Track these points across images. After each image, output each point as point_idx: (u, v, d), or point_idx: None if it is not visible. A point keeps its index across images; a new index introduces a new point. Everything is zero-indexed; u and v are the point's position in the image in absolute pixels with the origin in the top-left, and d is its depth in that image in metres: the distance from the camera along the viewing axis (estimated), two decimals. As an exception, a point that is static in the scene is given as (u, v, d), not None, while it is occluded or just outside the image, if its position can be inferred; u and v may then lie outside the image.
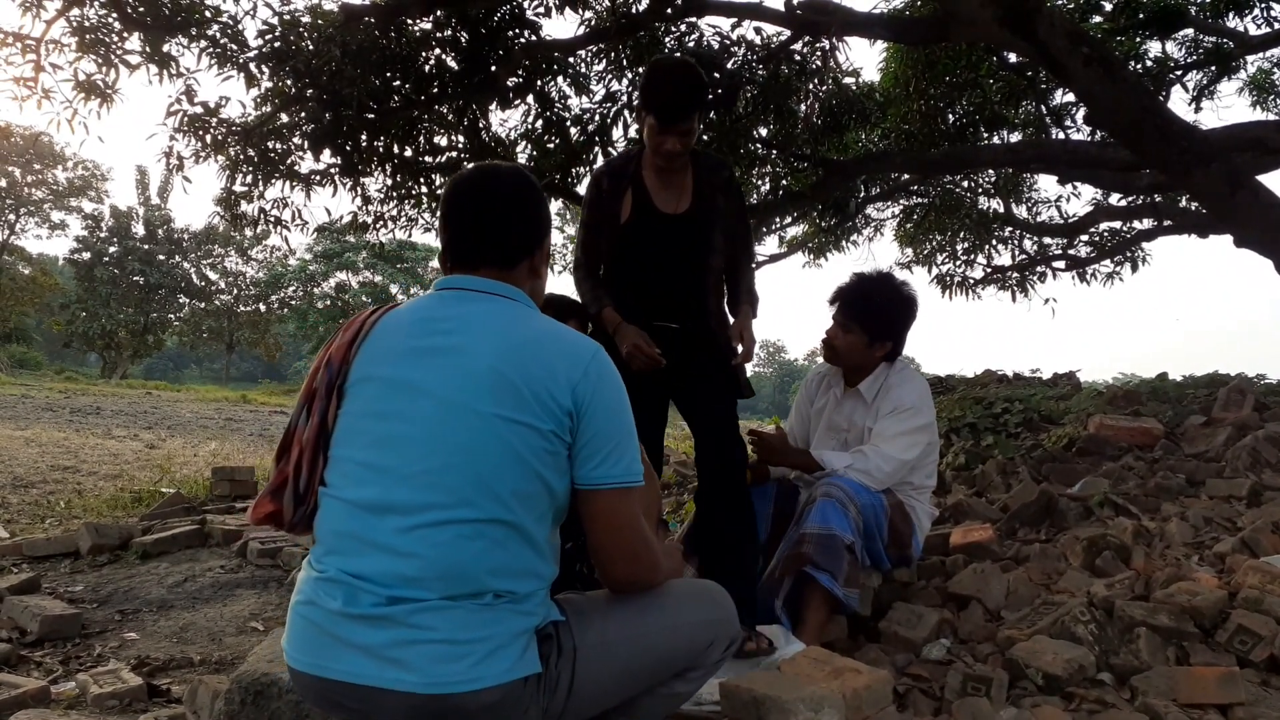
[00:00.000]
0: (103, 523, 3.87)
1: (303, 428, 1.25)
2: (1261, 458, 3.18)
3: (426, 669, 1.07)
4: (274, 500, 1.27)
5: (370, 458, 1.16)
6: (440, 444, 1.12)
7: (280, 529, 1.30)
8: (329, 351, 1.26)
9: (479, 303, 1.23)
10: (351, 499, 1.16)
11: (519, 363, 1.15)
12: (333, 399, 1.23)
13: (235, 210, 5.33)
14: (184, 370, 51.10)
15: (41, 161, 29.50)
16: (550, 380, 1.14)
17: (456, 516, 1.11)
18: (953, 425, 4.54)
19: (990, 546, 2.69)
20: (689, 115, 2.07)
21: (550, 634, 1.19)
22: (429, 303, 1.26)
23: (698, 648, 1.31)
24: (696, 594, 1.37)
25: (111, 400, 14.51)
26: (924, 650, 2.09)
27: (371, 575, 1.11)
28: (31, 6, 4.23)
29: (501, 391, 1.13)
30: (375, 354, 1.21)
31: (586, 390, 1.16)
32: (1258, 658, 1.89)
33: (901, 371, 2.43)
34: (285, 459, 1.27)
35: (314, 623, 1.13)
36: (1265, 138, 4.50)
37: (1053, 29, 3.60)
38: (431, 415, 1.14)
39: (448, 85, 4.87)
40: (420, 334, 1.20)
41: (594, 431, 1.17)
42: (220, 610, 3.00)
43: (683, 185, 2.21)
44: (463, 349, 1.16)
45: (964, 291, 8.77)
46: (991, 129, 6.39)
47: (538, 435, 1.14)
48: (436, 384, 1.15)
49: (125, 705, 2.09)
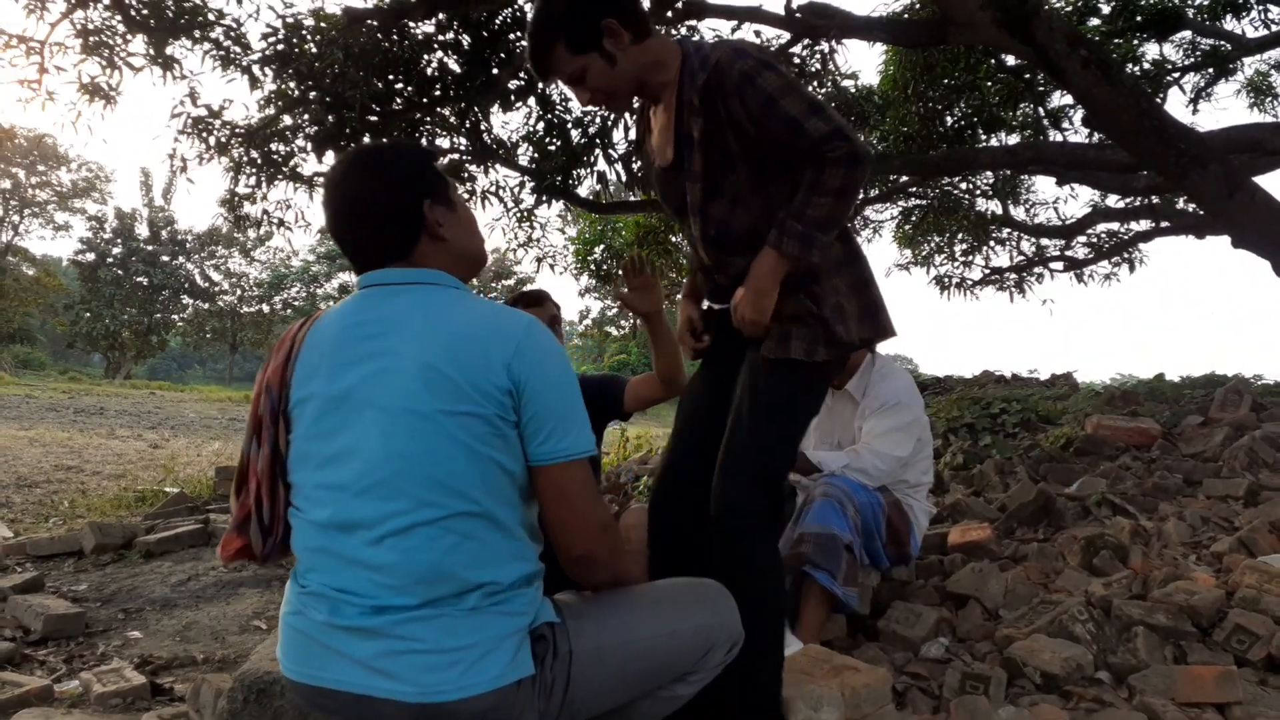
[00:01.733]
0: (106, 522, 3.89)
1: (255, 458, 1.23)
2: (1258, 457, 3.19)
3: (416, 679, 1.06)
4: (241, 535, 1.25)
5: (324, 478, 1.15)
6: (389, 453, 1.11)
7: (254, 562, 1.28)
8: (266, 376, 1.24)
9: (402, 296, 1.20)
10: (318, 520, 1.16)
11: (450, 353, 1.12)
12: (280, 424, 1.21)
13: (239, 211, 5.35)
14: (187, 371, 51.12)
15: (46, 163, 29.58)
16: (484, 364, 1.12)
17: (420, 519, 1.10)
18: (951, 425, 4.55)
19: (988, 546, 2.70)
20: (547, 63, 1.51)
21: (544, 635, 1.17)
22: (353, 306, 1.22)
23: (697, 652, 1.29)
24: (697, 596, 1.35)
25: (115, 400, 14.53)
26: (922, 649, 2.10)
27: (352, 588, 1.11)
28: (36, 9, 4.25)
29: (438, 387, 1.11)
30: (309, 371, 1.19)
31: (521, 367, 1.13)
32: (1255, 657, 1.90)
33: (884, 368, 2.45)
34: (244, 492, 1.26)
35: (303, 632, 1.14)
36: (1262, 139, 4.51)
37: (1051, 31, 3.62)
38: (375, 425, 1.12)
39: (450, 88, 4.89)
40: (349, 341, 1.18)
41: (535, 408, 1.14)
42: (223, 609, 3.01)
43: (667, 122, 1.59)
44: (392, 351, 1.14)
45: (962, 292, 8.80)
46: (990, 131, 6.41)
47: (482, 422, 1.12)
48: (373, 392, 1.13)
49: (128, 704, 2.10)
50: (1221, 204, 3.83)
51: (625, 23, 1.47)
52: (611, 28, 1.46)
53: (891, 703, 1.71)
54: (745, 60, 1.45)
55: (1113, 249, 8.26)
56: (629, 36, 1.49)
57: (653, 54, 1.53)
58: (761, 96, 1.43)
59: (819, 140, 1.40)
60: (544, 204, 5.90)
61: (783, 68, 1.50)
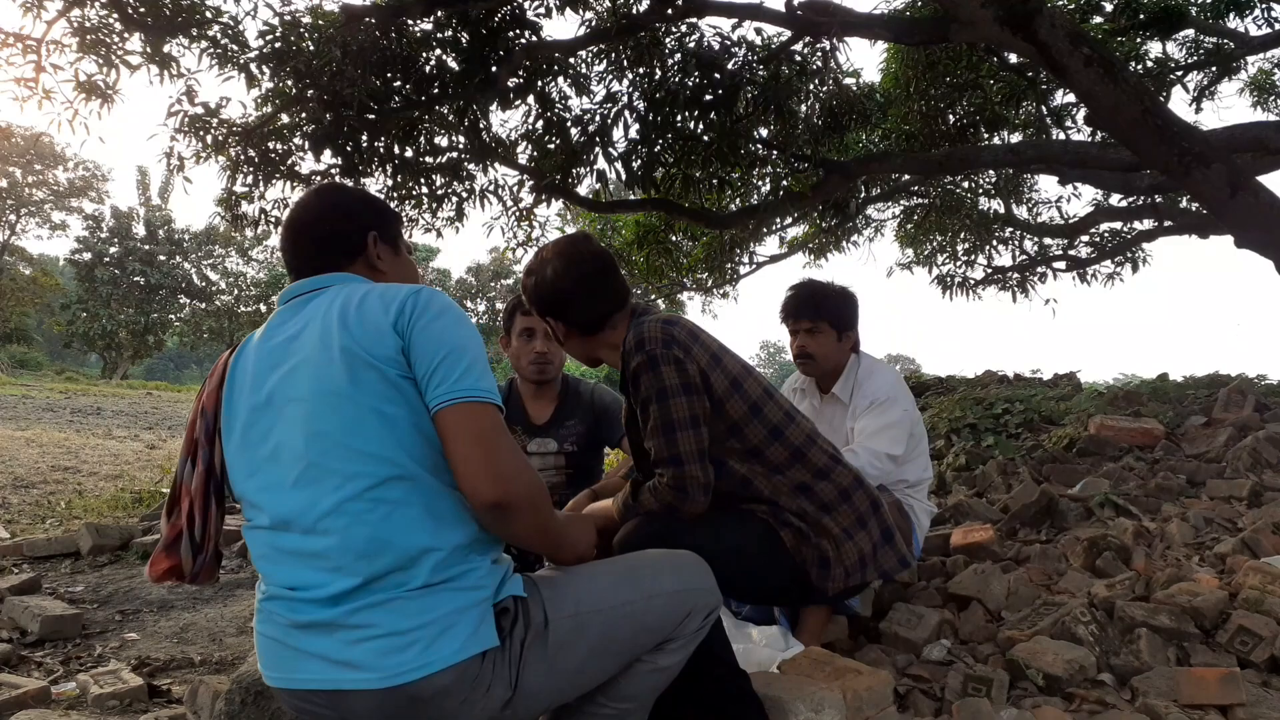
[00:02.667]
0: (103, 523, 3.87)
1: (188, 478, 1.29)
2: (1262, 458, 3.18)
3: (378, 664, 1.08)
4: (170, 555, 1.30)
5: (261, 481, 1.19)
6: (309, 438, 1.14)
7: (182, 582, 1.32)
8: (201, 400, 1.30)
9: (314, 299, 1.26)
10: (263, 524, 1.19)
11: (347, 328, 1.17)
12: (215, 444, 1.27)
13: (236, 210, 5.33)
14: (185, 371, 51.08)
15: (42, 162, 29.53)
16: (374, 329, 1.16)
17: (348, 494, 1.12)
18: (953, 426, 4.54)
19: (991, 547, 2.69)
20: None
21: (508, 608, 1.18)
22: (272, 322, 1.28)
23: (675, 618, 1.30)
24: (673, 564, 1.37)
25: (112, 401, 14.51)
26: (924, 651, 2.09)
27: (301, 583, 1.13)
28: (33, 7, 4.23)
29: (344, 361, 1.15)
30: (238, 388, 1.24)
31: (404, 323, 1.17)
32: (1258, 658, 1.89)
33: (869, 366, 2.45)
34: (176, 512, 1.31)
35: (271, 638, 1.17)
36: (1266, 138, 4.49)
37: (1053, 29, 3.60)
38: (296, 416, 1.16)
39: (448, 86, 4.87)
40: (267, 353, 1.23)
41: (419, 356, 1.16)
42: (221, 610, 3.00)
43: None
44: (303, 347, 1.19)
45: (964, 292, 8.77)
46: (992, 129, 6.39)
47: (385, 383, 1.15)
48: (291, 388, 1.18)
49: (126, 705, 2.09)
50: (1224, 203, 3.82)
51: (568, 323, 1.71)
52: (554, 326, 1.74)
53: (893, 705, 1.71)
54: (639, 354, 1.61)
55: (1115, 248, 8.23)
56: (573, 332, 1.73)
57: (604, 343, 1.73)
58: (640, 396, 1.62)
59: (653, 463, 1.61)
60: (543, 203, 5.89)
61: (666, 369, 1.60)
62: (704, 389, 1.61)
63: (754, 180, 6.25)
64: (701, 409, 1.60)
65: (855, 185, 6.66)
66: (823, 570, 1.61)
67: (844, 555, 1.62)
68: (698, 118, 5.06)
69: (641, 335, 1.62)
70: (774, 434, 1.65)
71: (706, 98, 4.91)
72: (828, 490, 1.65)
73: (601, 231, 8.15)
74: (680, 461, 1.57)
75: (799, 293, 2.43)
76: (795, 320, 2.42)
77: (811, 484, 1.65)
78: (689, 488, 1.57)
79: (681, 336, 1.62)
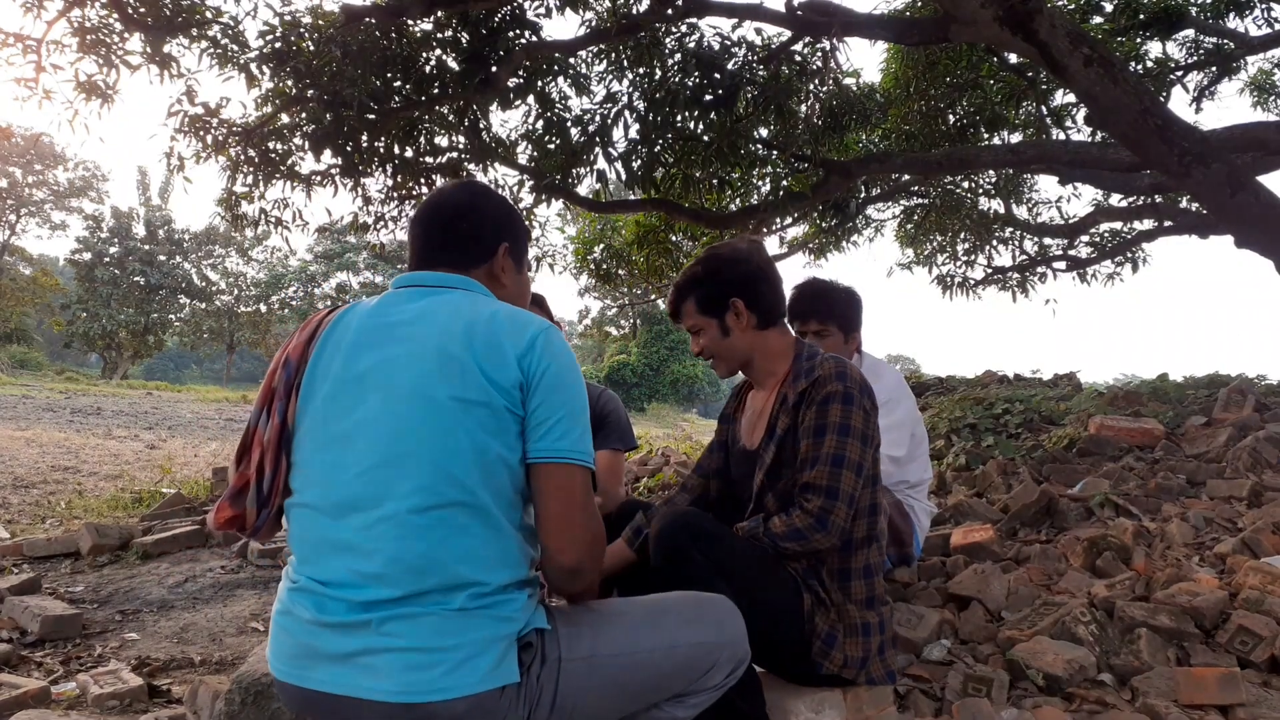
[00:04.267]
0: (103, 523, 3.87)
1: (263, 428, 1.23)
2: (1262, 458, 3.18)
3: (397, 677, 1.06)
4: (235, 505, 1.25)
5: (327, 457, 1.15)
6: (393, 435, 1.12)
7: (244, 534, 1.28)
8: (287, 351, 1.25)
9: (432, 295, 1.23)
10: (313, 503, 1.15)
11: (466, 342, 1.14)
12: (292, 398, 1.21)
13: (236, 210, 5.34)
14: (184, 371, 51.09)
15: (42, 162, 29.55)
16: (498, 355, 1.13)
17: (416, 504, 1.09)
18: (953, 426, 4.54)
19: (991, 547, 2.69)
20: (677, 308, 1.80)
21: (532, 642, 1.14)
22: (384, 301, 1.25)
23: (696, 671, 1.24)
24: (702, 612, 1.30)
25: (112, 400, 14.51)
26: (925, 650, 2.09)
27: (338, 580, 1.10)
28: (33, 7, 4.24)
29: (450, 372, 1.12)
30: (331, 352, 1.20)
31: (532, 362, 1.15)
32: (1258, 658, 1.89)
33: (872, 367, 2.45)
34: (245, 461, 1.25)
35: (291, 633, 1.14)
36: (1266, 138, 4.49)
37: (1053, 29, 3.60)
38: (382, 407, 1.13)
39: (448, 86, 4.87)
40: (373, 329, 1.20)
41: (540, 402, 1.15)
42: (221, 611, 2.99)
43: (763, 410, 1.80)
44: (412, 338, 1.16)
45: (964, 292, 8.77)
46: (992, 129, 6.40)
47: (489, 412, 1.12)
48: (388, 375, 1.14)
49: (126, 705, 2.09)
50: (1224, 203, 3.82)
51: (750, 307, 1.70)
52: (736, 306, 1.70)
53: (893, 705, 1.71)
54: (840, 383, 1.62)
55: (1115, 248, 8.23)
56: (750, 320, 1.72)
57: (768, 344, 1.74)
58: (822, 420, 1.60)
59: (802, 487, 1.58)
60: (543, 203, 5.89)
61: (858, 412, 1.61)
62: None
63: (754, 180, 6.25)
64: (870, 465, 1.62)
65: (855, 185, 6.66)
66: (826, 646, 1.58)
67: (849, 645, 1.60)
68: (698, 118, 5.06)
69: (845, 369, 1.64)
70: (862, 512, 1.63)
71: (706, 98, 4.91)
72: (860, 589, 1.61)
73: (601, 231, 8.15)
74: (836, 495, 1.55)
75: (806, 293, 2.42)
76: (804, 322, 2.42)
77: (853, 572, 1.61)
78: (830, 523, 1.54)
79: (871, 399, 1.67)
